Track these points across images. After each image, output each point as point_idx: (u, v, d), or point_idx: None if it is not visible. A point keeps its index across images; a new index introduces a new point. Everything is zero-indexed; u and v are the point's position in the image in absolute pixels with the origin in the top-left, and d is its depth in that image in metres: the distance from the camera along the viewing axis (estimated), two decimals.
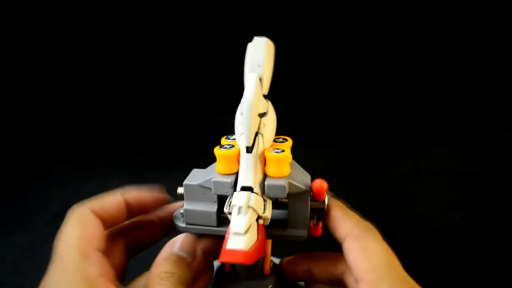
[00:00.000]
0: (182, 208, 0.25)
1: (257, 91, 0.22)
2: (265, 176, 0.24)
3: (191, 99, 0.87)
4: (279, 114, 0.25)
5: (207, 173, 0.25)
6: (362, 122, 0.85)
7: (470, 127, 0.78)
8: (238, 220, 0.21)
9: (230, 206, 0.22)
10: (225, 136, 0.26)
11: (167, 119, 0.85)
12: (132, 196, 0.24)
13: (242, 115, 0.22)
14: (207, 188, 0.24)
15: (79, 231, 0.21)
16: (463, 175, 0.59)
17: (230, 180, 0.23)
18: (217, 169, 0.24)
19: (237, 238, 0.21)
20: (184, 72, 0.86)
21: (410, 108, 0.86)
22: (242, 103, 0.22)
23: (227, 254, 0.20)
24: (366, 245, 0.21)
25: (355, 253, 0.21)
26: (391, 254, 0.21)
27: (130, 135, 0.80)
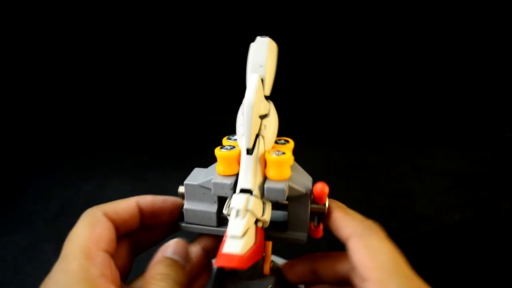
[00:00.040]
0: None
1: (258, 92, 0.22)
2: (265, 178, 0.23)
3: (192, 99, 0.87)
4: (280, 115, 0.24)
5: (208, 173, 0.25)
6: (362, 122, 0.85)
7: (470, 127, 0.78)
8: (235, 223, 0.21)
9: (229, 208, 0.22)
10: (226, 136, 0.25)
11: (168, 119, 0.85)
12: (147, 202, 0.24)
13: (243, 116, 0.22)
14: (208, 189, 0.24)
15: (88, 232, 0.21)
16: (463, 175, 0.59)
17: (230, 182, 0.23)
18: (217, 170, 0.24)
19: (233, 241, 0.21)
20: (185, 72, 0.86)
21: (410, 108, 0.86)
22: (243, 104, 0.22)
23: (222, 258, 0.20)
24: (370, 243, 0.21)
25: (360, 252, 0.21)
26: (397, 252, 0.21)
27: (130, 135, 0.80)
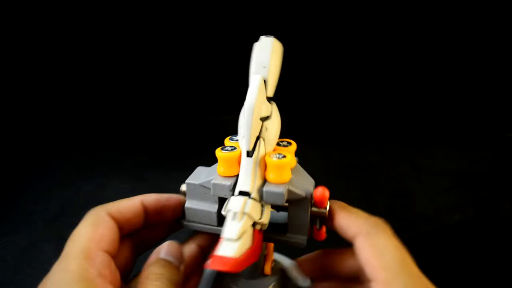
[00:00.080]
0: None
1: (260, 94, 0.22)
2: (265, 181, 0.23)
3: (192, 99, 0.87)
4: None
5: (210, 172, 0.25)
6: (362, 122, 0.85)
7: (470, 127, 0.78)
8: (232, 226, 0.21)
9: (226, 209, 0.22)
10: (229, 136, 0.25)
11: (167, 119, 0.85)
12: (151, 200, 0.24)
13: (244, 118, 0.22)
14: (208, 188, 0.24)
15: (90, 232, 0.21)
16: (463, 175, 0.59)
17: (229, 184, 0.23)
18: (218, 170, 0.24)
19: (228, 244, 0.20)
20: (185, 72, 0.86)
21: (410, 108, 0.86)
22: (244, 106, 0.22)
23: (216, 260, 0.20)
24: (376, 242, 0.21)
25: (366, 251, 0.21)
26: (404, 250, 0.21)
27: (130, 135, 0.80)
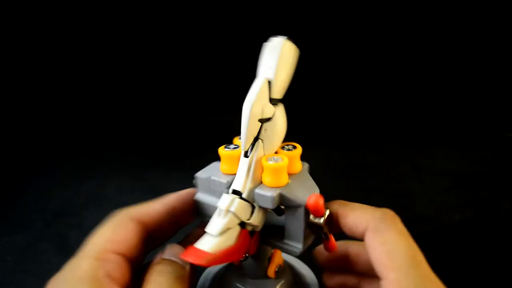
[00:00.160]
0: None
1: (260, 95, 0.22)
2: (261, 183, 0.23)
3: (192, 99, 0.87)
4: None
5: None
6: (362, 122, 0.85)
7: (470, 127, 0.78)
8: (215, 222, 0.21)
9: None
10: (239, 136, 0.25)
11: (167, 119, 0.85)
12: (175, 200, 0.25)
13: None
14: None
15: (108, 233, 0.21)
16: (463, 175, 0.59)
17: (226, 181, 0.24)
18: (221, 167, 0.25)
19: (207, 238, 0.21)
20: (185, 72, 0.86)
21: (410, 108, 0.86)
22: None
23: (190, 252, 0.20)
24: (387, 239, 0.20)
25: (377, 249, 0.20)
26: (415, 247, 0.20)
27: (130, 135, 0.80)
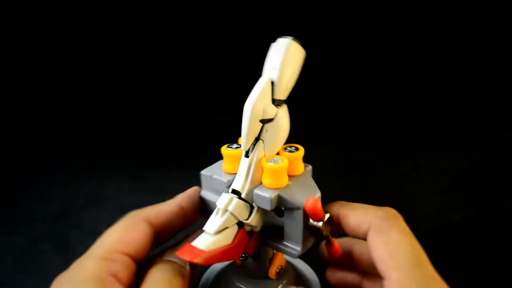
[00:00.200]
0: None
1: (262, 95, 0.22)
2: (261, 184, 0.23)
3: (192, 99, 0.87)
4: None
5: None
6: (362, 122, 0.85)
7: (470, 127, 0.78)
8: (213, 221, 0.22)
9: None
10: None
11: (167, 119, 0.85)
12: (185, 200, 0.25)
13: None
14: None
15: (119, 234, 0.21)
16: (463, 175, 0.59)
17: (226, 180, 0.24)
18: (223, 166, 0.25)
19: (204, 237, 0.21)
20: (185, 72, 0.86)
21: (410, 108, 0.86)
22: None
23: (186, 249, 0.20)
24: (389, 239, 0.20)
25: (380, 249, 0.20)
26: (418, 247, 0.20)
27: (130, 135, 0.80)
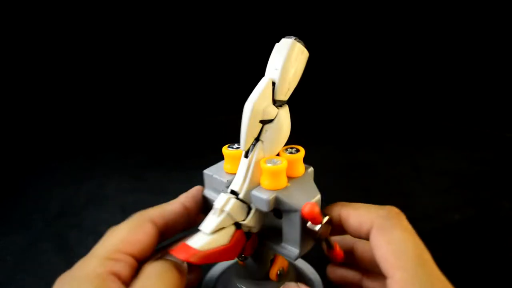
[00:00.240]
0: None
1: (262, 95, 0.21)
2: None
3: (192, 99, 0.87)
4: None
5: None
6: (362, 122, 0.85)
7: (470, 127, 0.78)
8: (209, 220, 0.22)
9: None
10: None
11: (167, 119, 0.85)
12: (188, 199, 0.25)
13: None
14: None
15: (124, 234, 0.21)
16: (463, 175, 0.59)
17: (226, 180, 0.24)
18: (224, 166, 0.25)
19: (200, 236, 0.21)
20: (185, 72, 0.86)
21: (410, 108, 0.86)
22: None
23: (180, 248, 0.20)
24: (393, 238, 0.20)
25: (383, 248, 0.20)
26: (421, 246, 0.20)
27: (130, 135, 0.80)
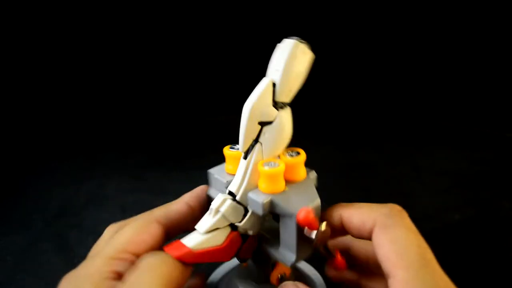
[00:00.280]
0: None
1: (262, 97, 0.21)
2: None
3: (192, 99, 0.87)
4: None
5: None
6: (362, 122, 0.85)
7: (470, 127, 0.78)
8: (204, 220, 0.22)
9: None
10: None
11: (167, 119, 0.85)
12: (192, 199, 0.25)
13: None
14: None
15: (131, 234, 0.21)
16: (463, 175, 0.59)
17: (226, 181, 0.24)
18: (225, 167, 0.25)
19: (194, 235, 0.21)
20: (185, 72, 0.86)
21: (410, 108, 0.86)
22: None
23: (174, 246, 0.20)
24: (395, 237, 0.20)
25: (386, 247, 0.19)
26: (424, 246, 0.20)
27: (130, 135, 0.80)
